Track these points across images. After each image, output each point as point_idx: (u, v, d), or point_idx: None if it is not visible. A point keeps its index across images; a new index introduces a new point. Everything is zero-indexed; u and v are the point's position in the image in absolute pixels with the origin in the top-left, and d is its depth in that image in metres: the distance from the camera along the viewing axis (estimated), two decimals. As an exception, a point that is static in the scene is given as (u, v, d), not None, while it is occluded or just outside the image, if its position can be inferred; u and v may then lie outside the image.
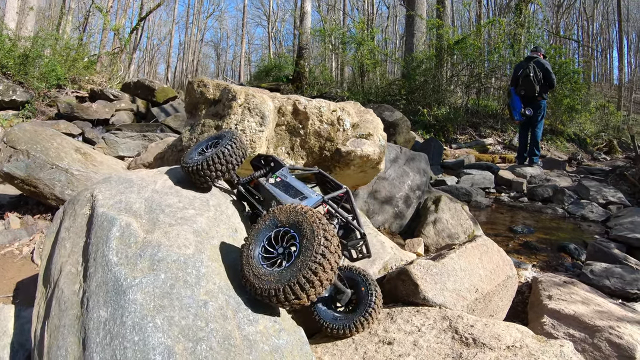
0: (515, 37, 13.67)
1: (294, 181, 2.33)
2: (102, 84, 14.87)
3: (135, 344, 1.42)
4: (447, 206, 4.83)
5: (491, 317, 2.48)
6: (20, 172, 4.52)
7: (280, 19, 43.82)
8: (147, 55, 44.80)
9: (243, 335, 1.58)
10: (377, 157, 3.53)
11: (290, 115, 3.40)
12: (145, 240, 1.79)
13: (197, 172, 2.19)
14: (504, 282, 2.52)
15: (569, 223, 5.96)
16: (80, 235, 1.98)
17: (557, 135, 12.58)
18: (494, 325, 1.95)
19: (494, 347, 1.81)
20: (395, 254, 2.89)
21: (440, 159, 9.42)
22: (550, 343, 1.85)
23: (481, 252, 2.56)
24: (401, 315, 2.15)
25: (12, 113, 10.89)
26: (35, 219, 4.79)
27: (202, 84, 3.42)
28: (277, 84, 18.76)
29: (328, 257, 1.60)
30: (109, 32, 19.84)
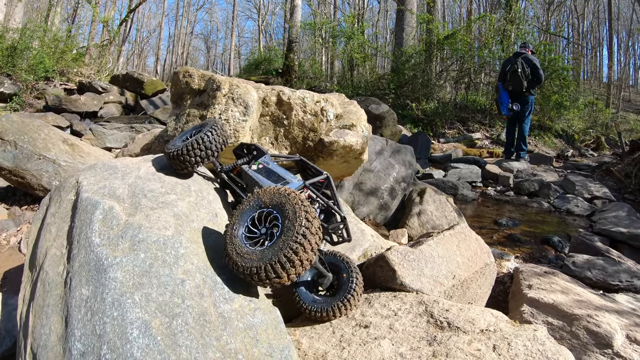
0: (504, 33, 13.73)
1: (276, 167, 2.36)
2: (90, 76, 14.74)
3: (114, 319, 1.48)
4: (431, 198, 4.90)
5: (470, 304, 2.52)
6: (8, 163, 4.54)
7: (271, 12, 43.63)
8: (137, 48, 44.46)
9: (218, 313, 1.64)
10: (360, 148, 3.57)
11: (274, 105, 3.43)
12: (126, 223, 1.85)
13: (177, 157, 2.22)
14: (482, 269, 2.56)
15: (554, 217, 6.03)
16: (65, 219, 2.03)
17: (545, 131, 12.68)
18: (469, 310, 2.00)
19: (467, 331, 1.86)
20: (375, 242, 2.94)
21: (428, 153, 9.49)
22: (524, 327, 1.90)
23: (459, 239, 2.61)
24: (379, 300, 2.20)
25: (0, 105, 10.79)
26: (22, 209, 4.83)
27: (188, 74, 3.43)
28: (267, 77, 18.71)
29: (309, 238, 1.65)
30: (98, 24, 19.67)
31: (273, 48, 27.83)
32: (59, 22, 20.32)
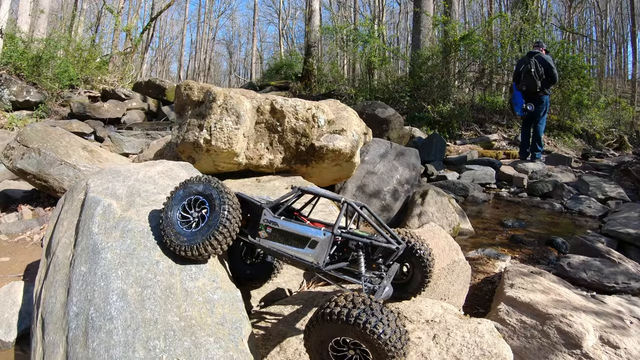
0: (521, 33, 13.58)
1: (289, 225, 2.10)
2: (114, 83, 15.20)
3: (101, 288, 1.95)
4: (433, 199, 4.98)
5: (442, 300, 2.66)
6: (32, 168, 4.89)
7: (292, 17, 43.95)
8: (159, 55, 45.32)
9: (183, 288, 2.05)
10: (349, 151, 3.76)
11: (268, 113, 3.67)
12: (120, 217, 2.27)
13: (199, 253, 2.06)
14: (450, 266, 2.70)
15: (565, 218, 6.03)
16: (75, 215, 2.46)
17: (565, 131, 12.47)
18: (420, 302, 2.17)
19: (413, 320, 2.05)
20: (355, 239, 3.10)
21: (443, 155, 9.42)
22: (469, 320, 2.05)
23: (428, 237, 2.75)
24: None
25: (26, 113, 11.29)
26: (46, 210, 5.19)
27: (188, 87, 3.70)
28: (287, 82, 19.01)
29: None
30: (121, 32, 20.21)
31: (294, 52, 28.05)
32: (82, 31, 20.89)
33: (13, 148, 5.10)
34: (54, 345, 1.93)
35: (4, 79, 11.30)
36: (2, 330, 2.85)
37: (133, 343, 1.77)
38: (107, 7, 20.38)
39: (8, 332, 2.84)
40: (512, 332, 2.58)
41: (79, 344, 1.81)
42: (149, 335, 1.79)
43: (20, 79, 11.91)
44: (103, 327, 1.82)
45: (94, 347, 1.77)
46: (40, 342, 2.04)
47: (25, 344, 2.79)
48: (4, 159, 5.13)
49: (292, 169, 4.01)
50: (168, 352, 1.76)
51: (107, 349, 1.76)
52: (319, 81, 18.38)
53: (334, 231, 1.95)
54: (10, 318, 2.91)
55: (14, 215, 5.09)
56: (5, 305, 3.00)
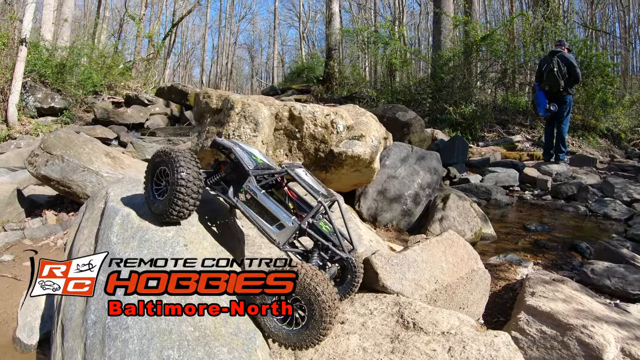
0: (543, 31, 13.35)
1: (267, 201, 2.31)
2: (137, 89, 15.45)
3: None
4: (455, 204, 4.95)
5: (461, 309, 2.64)
6: (56, 175, 4.98)
7: (312, 20, 44.00)
8: (182, 60, 45.74)
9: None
10: (369, 157, 3.75)
11: (287, 120, 3.67)
12: (138, 226, 2.31)
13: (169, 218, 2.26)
14: (468, 275, 2.67)
15: (590, 221, 5.89)
16: (95, 223, 2.52)
17: (589, 131, 12.21)
18: (437, 313, 2.15)
19: (429, 332, 2.03)
20: (372, 246, 3.10)
21: (466, 157, 9.35)
22: (486, 333, 2.03)
23: (445, 245, 2.73)
24: (360, 300, 2.39)
25: (51, 119, 11.55)
26: (69, 216, 5.29)
27: (207, 95, 3.74)
28: (308, 85, 19.08)
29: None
30: (143, 38, 20.54)
31: (315, 55, 28.10)
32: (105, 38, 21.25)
33: (37, 155, 5.19)
34: (72, 351, 1.98)
35: (29, 86, 11.54)
36: (25, 333, 2.93)
37: (148, 352, 1.80)
38: (129, 14, 20.72)
39: (30, 335, 2.92)
40: (531, 343, 2.54)
41: (96, 352, 1.86)
42: (163, 345, 1.82)
43: (45, 86, 12.17)
44: (119, 336, 1.85)
45: (110, 355, 1.81)
46: (60, 348, 2.10)
47: (47, 347, 2.84)
48: (28, 166, 5.22)
49: (312, 175, 3.99)
50: (181, 362, 1.77)
51: (122, 357, 1.79)
52: (340, 84, 18.38)
53: (301, 224, 2.24)
54: (33, 322, 2.98)
55: (39, 220, 5.18)
56: (28, 309, 3.07)
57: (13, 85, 10.33)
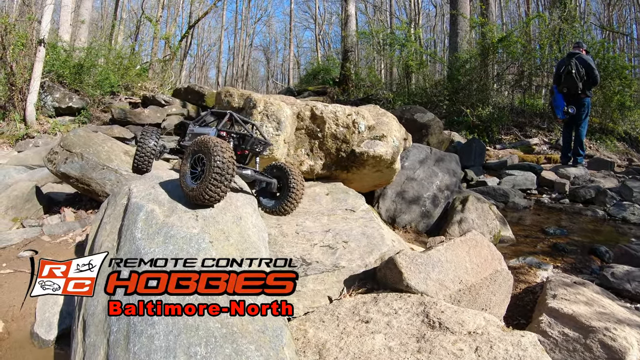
0: (560, 33, 13.22)
1: (198, 129, 3.18)
2: (154, 90, 15.50)
3: None
4: (474, 206, 4.91)
5: (483, 310, 2.61)
6: (75, 172, 5.03)
7: (328, 22, 43.99)
8: (198, 61, 45.83)
9: None
10: (390, 157, 3.74)
11: (308, 119, 3.68)
12: (163, 222, 2.33)
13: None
14: (492, 275, 2.65)
15: (608, 225, 5.84)
16: (117, 219, 2.53)
17: (607, 134, 12.03)
18: (462, 312, 2.13)
19: (455, 332, 2.01)
20: (395, 247, 3.09)
21: (483, 160, 9.29)
22: (512, 333, 2.01)
23: (470, 246, 2.70)
24: (384, 299, 2.38)
25: (69, 119, 11.65)
26: (87, 213, 5.31)
27: (229, 94, 3.75)
28: (324, 87, 19.07)
29: (222, 172, 2.31)
30: (160, 40, 20.69)
31: (331, 57, 28.10)
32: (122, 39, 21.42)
33: (56, 153, 5.23)
34: (94, 347, 1.97)
35: (47, 86, 11.62)
36: (43, 328, 2.95)
37: (174, 349, 1.78)
38: (146, 16, 20.87)
39: (49, 331, 2.93)
40: (554, 345, 2.52)
41: (119, 348, 1.84)
42: (190, 342, 1.80)
43: (63, 86, 12.24)
44: (145, 331, 1.84)
45: (135, 351, 1.79)
46: (81, 343, 2.09)
47: (65, 343, 2.88)
48: (47, 163, 5.26)
49: (333, 175, 4.02)
50: (209, 359, 1.76)
51: (148, 353, 1.77)
52: (356, 86, 18.33)
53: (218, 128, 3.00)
54: (51, 317, 3.00)
55: (57, 217, 5.21)
56: (46, 304, 3.09)
57: (31, 85, 10.41)
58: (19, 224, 5.03)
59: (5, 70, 10.48)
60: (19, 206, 5.12)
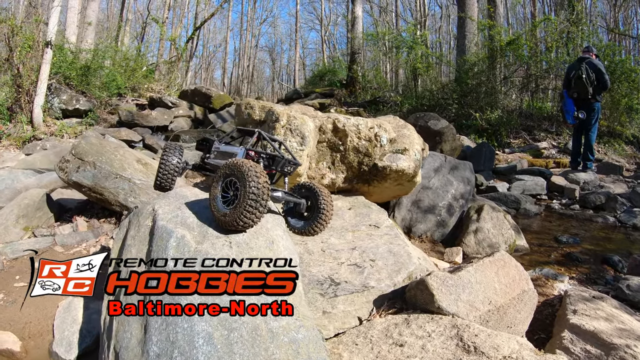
0: (568, 36, 13.19)
1: (224, 147, 3.15)
2: (160, 91, 15.51)
3: (185, 330, 1.89)
4: (489, 215, 4.90)
5: (508, 328, 2.62)
6: (88, 181, 4.95)
7: (333, 23, 43.86)
8: (204, 62, 45.72)
9: (268, 328, 1.98)
10: (412, 172, 3.74)
11: (330, 132, 3.68)
12: (195, 250, 2.23)
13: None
14: (519, 295, 2.65)
15: (619, 233, 5.80)
16: (143, 243, 2.45)
17: (615, 137, 12.02)
18: (496, 336, 2.14)
19: (491, 356, 2.01)
20: (421, 265, 3.08)
21: (492, 164, 9.27)
22: (545, 357, 2.02)
23: (498, 266, 2.71)
24: (416, 321, 2.38)
25: (76, 121, 11.63)
26: (100, 222, 5.25)
27: (249, 106, 3.75)
28: (331, 88, 19.04)
29: (257, 196, 2.25)
30: (166, 41, 20.70)
31: (337, 59, 28.05)
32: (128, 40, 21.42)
33: (68, 161, 5.14)
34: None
35: (54, 88, 11.61)
36: (63, 347, 2.88)
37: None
38: (153, 17, 20.90)
39: (69, 351, 2.87)
40: (576, 362, 2.52)
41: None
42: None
43: (69, 88, 12.23)
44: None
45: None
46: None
47: (86, 363, 2.82)
48: (59, 172, 5.17)
49: (354, 188, 4.01)
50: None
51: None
52: (363, 88, 18.33)
53: (247, 147, 2.92)
54: (71, 336, 2.95)
55: (69, 227, 5.12)
56: (65, 322, 3.04)
57: (38, 87, 10.39)
58: (30, 233, 4.98)
59: (12, 72, 10.46)
60: (30, 215, 5.05)
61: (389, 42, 19.35)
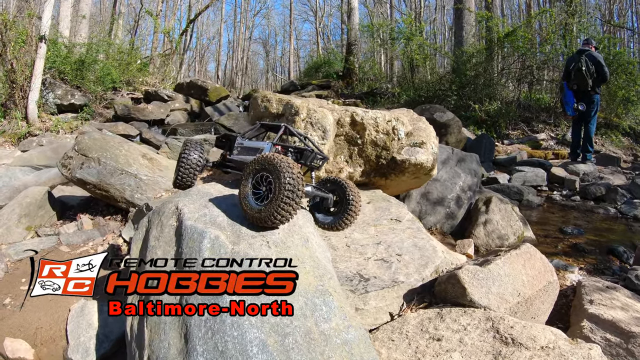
0: (566, 28, 13.24)
1: (248, 143, 3.07)
2: (155, 85, 15.50)
3: (235, 338, 1.74)
4: (497, 207, 4.91)
5: (533, 319, 2.66)
6: (92, 178, 4.87)
7: (327, 14, 43.68)
8: (197, 55, 45.53)
9: (320, 331, 1.88)
10: (430, 165, 3.74)
11: (348, 126, 3.66)
12: (233, 251, 2.13)
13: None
14: (545, 287, 2.69)
15: (621, 224, 5.84)
16: (170, 245, 2.36)
17: (612, 129, 12.12)
18: (531, 328, 2.17)
19: (529, 347, 2.04)
20: (446, 258, 3.09)
21: (492, 156, 9.34)
22: (580, 346, 2.06)
23: (524, 259, 2.73)
24: (450, 315, 2.39)
25: (71, 116, 11.59)
26: (106, 220, 5.15)
27: (266, 99, 3.71)
28: (328, 80, 19.03)
29: (294, 191, 2.19)
30: (159, 34, 20.54)
31: (332, 50, 27.98)
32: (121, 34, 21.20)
33: (71, 157, 5.07)
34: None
35: (48, 83, 11.55)
36: (79, 354, 2.78)
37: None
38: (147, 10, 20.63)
39: (85, 357, 2.77)
40: (599, 351, 2.57)
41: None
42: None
43: (64, 83, 12.20)
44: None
45: None
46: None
47: (104, 369, 2.72)
48: (62, 168, 5.10)
49: (371, 182, 4.00)
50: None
51: None
52: (360, 79, 18.34)
53: (273, 142, 2.87)
54: (87, 342, 2.84)
55: (74, 225, 5.04)
56: (80, 327, 2.92)
57: (33, 82, 10.31)
58: (33, 232, 4.89)
59: (5, 68, 10.37)
60: (32, 213, 4.95)
61: (384, 33, 19.30)
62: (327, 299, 2.04)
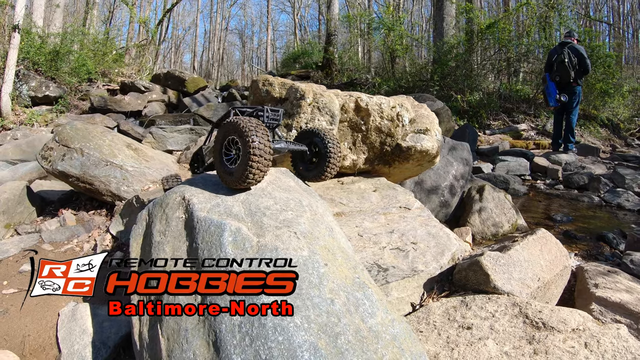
0: (546, 20, 13.44)
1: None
2: (132, 76, 15.18)
3: (280, 344, 1.54)
4: (490, 195, 4.96)
5: (547, 303, 2.66)
6: (75, 170, 4.59)
7: (305, 5, 43.47)
8: (173, 46, 44.96)
9: (368, 327, 1.72)
10: (435, 152, 3.70)
11: (352, 112, 3.57)
12: (259, 244, 1.97)
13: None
14: (561, 271, 2.71)
15: (605, 212, 5.96)
16: (179, 239, 2.17)
17: (590, 120, 12.40)
18: (559, 311, 2.18)
19: (561, 330, 2.05)
20: (460, 245, 3.06)
21: (475, 146, 9.44)
22: (608, 326, 2.10)
23: (541, 244, 2.74)
24: (475, 302, 2.36)
25: (46, 108, 11.27)
26: (90, 215, 4.85)
27: (268, 83, 3.59)
28: (307, 71, 18.94)
29: (259, 153, 2.17)
30: (135, 24, 20.08)
31: (310, 41, 27.82)
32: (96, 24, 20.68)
33: (52, 149, 4.78)
34: None
35: (22, 74, 11.23)
36: None
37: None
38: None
39: None
40: (608, 332, 2.60)
41: None
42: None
43: (38, 74, 11.86)
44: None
45: None
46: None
47: (103, 379, 2.51)
48: (42, 161, 4.78)
49: (374, 169, 3.93)
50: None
51: None
52: (339, 70, 18.27)
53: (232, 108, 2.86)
54: (82, 350, 2.57)
55: (56, 221, 4.72)
56: (72, 333, 2.68)
57: (6, 74, 10.00)
58: (12, 230, 4.56)
59: (-23, 59, 10.00)
60: (11, 210, 4.61)
61: (363, 24, 19.28)
62: (367, 292, 1.89)
